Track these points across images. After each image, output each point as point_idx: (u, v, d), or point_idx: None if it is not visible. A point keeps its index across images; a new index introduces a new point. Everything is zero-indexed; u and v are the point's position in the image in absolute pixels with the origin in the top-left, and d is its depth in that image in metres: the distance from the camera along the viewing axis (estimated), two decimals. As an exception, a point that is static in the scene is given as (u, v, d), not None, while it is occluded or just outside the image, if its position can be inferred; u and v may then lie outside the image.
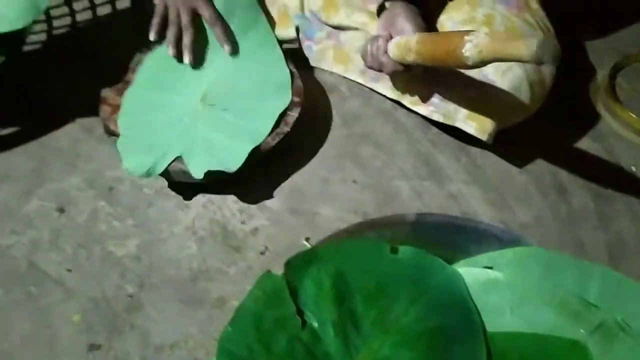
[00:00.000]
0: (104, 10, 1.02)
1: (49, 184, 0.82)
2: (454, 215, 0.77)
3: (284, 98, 0.82)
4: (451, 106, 0.80)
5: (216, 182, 0.79)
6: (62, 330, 0.68)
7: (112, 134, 0.81)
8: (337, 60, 0.91)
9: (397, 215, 0.76)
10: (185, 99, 0.84)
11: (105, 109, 0.84)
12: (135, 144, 0.80)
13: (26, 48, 0.95)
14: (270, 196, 0.81)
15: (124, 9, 1.03)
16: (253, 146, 0.77)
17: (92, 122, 0.88)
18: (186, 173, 0.77)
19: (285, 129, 0.80)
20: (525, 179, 0.83)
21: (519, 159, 0.85)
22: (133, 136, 0.81)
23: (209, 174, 0.76)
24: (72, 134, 0.87)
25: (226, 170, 0.76)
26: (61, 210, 0.79)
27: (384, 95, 0.88)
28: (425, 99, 0.82)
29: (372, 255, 0.69)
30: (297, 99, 0.83)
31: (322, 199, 0.81)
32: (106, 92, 0.85)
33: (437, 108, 0.81)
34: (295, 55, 0.90)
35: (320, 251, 0.68)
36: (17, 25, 0.78)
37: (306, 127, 0.83)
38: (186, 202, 0.80)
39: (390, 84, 0.86)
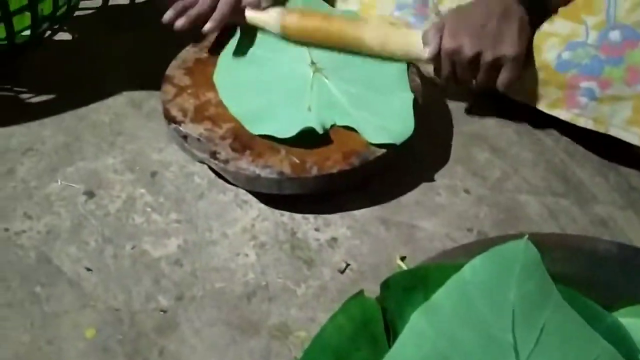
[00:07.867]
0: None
1: (79, 162, 0.65)
2: (611, 240, 0.56)
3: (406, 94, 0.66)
4: (606, 107, 0.60)
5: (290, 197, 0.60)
6: (69, 348, 0.50)
7: (173, 120, 0.63)
8: None
9: (531, 235, 0.56)
10: (294, 60, 0.68)
11: (168, 90, 0.66)
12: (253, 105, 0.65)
13: (79, 13, 0.82)
14: (354, 200, 0.62)
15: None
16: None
17: (141, 97, 0.73)
18: (259, 179, 0.59)
19: None
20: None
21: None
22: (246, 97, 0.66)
23: None
24: (115, 108, 0.71)
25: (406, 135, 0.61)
26: (90, 194, 0.62)
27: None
28: (568, 98, 0.62)
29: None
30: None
31: (423, 210, 0.61)
32: (173, 70, 0.68)
33: (585, 110, 0.61)
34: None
35: (432, 272, 0.48)
36: None
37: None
38: (246, 197, 0.62)
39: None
